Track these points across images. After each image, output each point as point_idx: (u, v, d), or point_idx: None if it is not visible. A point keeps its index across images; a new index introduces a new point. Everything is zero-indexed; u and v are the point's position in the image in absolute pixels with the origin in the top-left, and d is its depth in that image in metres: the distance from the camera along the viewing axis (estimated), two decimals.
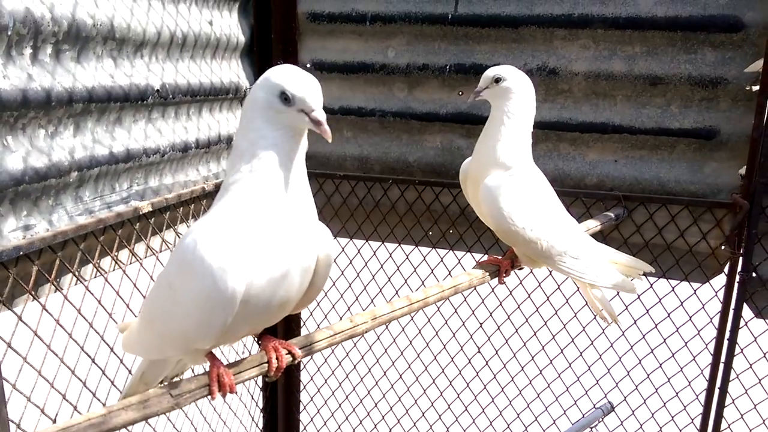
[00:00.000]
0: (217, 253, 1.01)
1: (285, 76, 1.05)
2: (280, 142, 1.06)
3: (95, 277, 1.76)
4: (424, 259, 2.52)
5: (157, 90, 1.88)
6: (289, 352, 1.22)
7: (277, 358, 1.19)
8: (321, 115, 1.05)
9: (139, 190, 1.89)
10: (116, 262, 1.81)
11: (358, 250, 2.59)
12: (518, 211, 1.56)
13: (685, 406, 2.32)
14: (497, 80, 1.58)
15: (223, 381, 1.11)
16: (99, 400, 1.74)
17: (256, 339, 1.26)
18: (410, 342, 2.61)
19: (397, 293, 2.51)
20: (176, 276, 1.09)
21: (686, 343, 2.26)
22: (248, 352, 2.57)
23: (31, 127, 1.48)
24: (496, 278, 1.73)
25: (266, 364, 1.18)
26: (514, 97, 1.58)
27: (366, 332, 1.39)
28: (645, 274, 1.85)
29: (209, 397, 1.11)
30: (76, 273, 1.66)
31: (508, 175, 1.59)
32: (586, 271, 1.66)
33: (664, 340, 2.29)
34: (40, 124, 1.51)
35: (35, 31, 1.45)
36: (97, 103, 1.66)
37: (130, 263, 1.89)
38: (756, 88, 1.99)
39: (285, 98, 1.04)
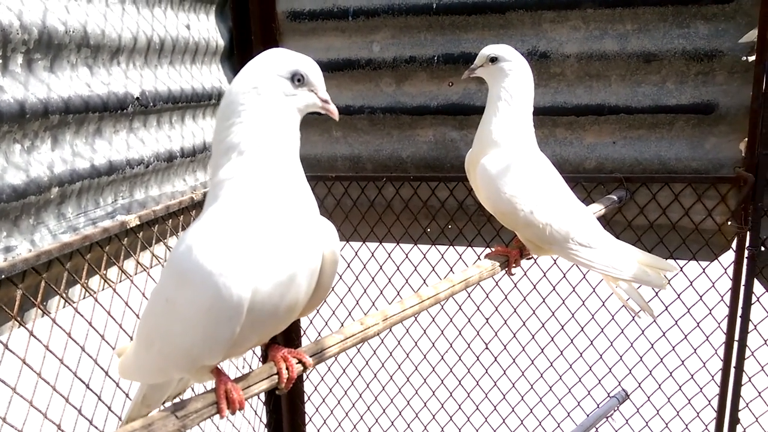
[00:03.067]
0: (216, 259, 0.92)
1: (293, 57, 1.02)
2: (283, 132, 1.00)
3: (84, 298, 1.66)
4: (425, 257, 2.45)
5: (137, 98, 1.80)
6: (300, 361, 1.13)
7: (287, 369, 1.10)
8: (328, 95, 1.04)
9: (125, 203, 1.80)
10: (105, 281, 1.71)
11: (356, 253, 2.51)
12: (518, 192, 1.49)
13: (701, 388, 2.27)
14: (493, 60, 1.54)
15: (231, 397, 1.02)
16: (97, 428, 1.65)
17: (262, 350, 1.18)
18: (416, 343, 2.54)
19: (398, 294, 2.43)
20: (173, 289, 0.99)
21: (698, 323, 2.21)
22: (248, 366, 2.48)
23: (5, 143, 1.39)
24: (506, 270, 1.66)
25: (276, 376, 1.10)
26: (510, 77, 1.54)
27: (378, 334, 1.31)
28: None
29: (218, 415, 1.02)
30: (64, 295, 1.57)
31: (508, 156, 1.53)
32: (604, 262, 1.58)
33: (676, 322, 2.24)
34: (15, 138, 1.42)
35: (3, 39, 1.36)
36: (75, 113, 1.57)
37: (120, 281, 1.80)
38: (752, 58, 1.95)
39: (298, 79, 1.00)
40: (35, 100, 1.44)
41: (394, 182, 2.39)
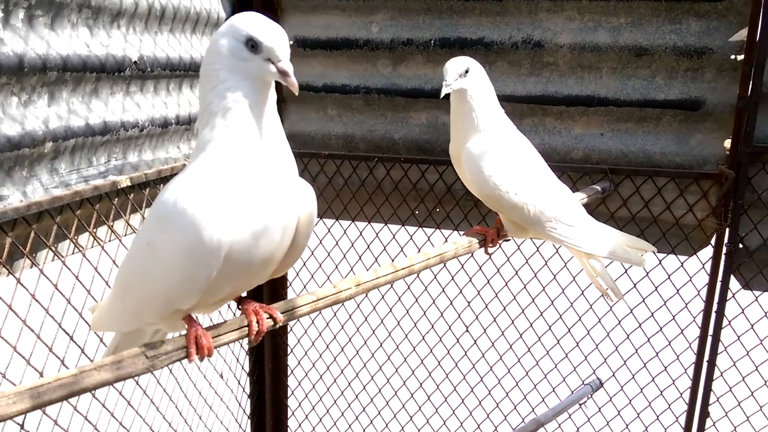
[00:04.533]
0: (199, 205, 0.99)
1: (252, 22, 1.02)
2: (248, 93, 1.03)
3: (73, 253, 1.71)
4: (411, 239, 2.49)
5: (135, 62, 1.84)
6: (271, 317, 1.18)
7: (257, 322, 1.16)
8: (288, 66, 1.02)
9: (118, 165, 1.84)
10: (95, 239, 1.76)
11: (344, 231, 2.55)
12: (501, 173, 1.54)
13: (673, 380, 2.31)
14: (466, 72, 1.56)
15: (201, 343, 1.07)
16: None
17: (237, 305, 1.22)
18: (398, 323, 2.59)
19: None
20: (156, 232, 1.06)
21: (674, 316, 2.25)
22: None
23: (2, 94, 1.44)
24: (483, 249, 1.71)
25: (246, 328, 1.15)
26: (481, 81, 1.58)
27: (350, 298, 1.36)
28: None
29: (186, 359, 1.07)
30: (53, 248, 1.62)
31: (491, 139, 1.57)
32: (583, 240, 1.63)
33: (652, 314, 2.28)
34: (12, 91, 1.46)
35: None
36: (72, 72, 1.61)
37: (110, 240, 1.85)
38: (741, 57, 1.98)
39: (252, 45, 1.01)
40: (34, 56, 1.49)
41: (386, 163, 2.43)
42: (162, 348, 1.04)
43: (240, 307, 1.20)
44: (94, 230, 1.78)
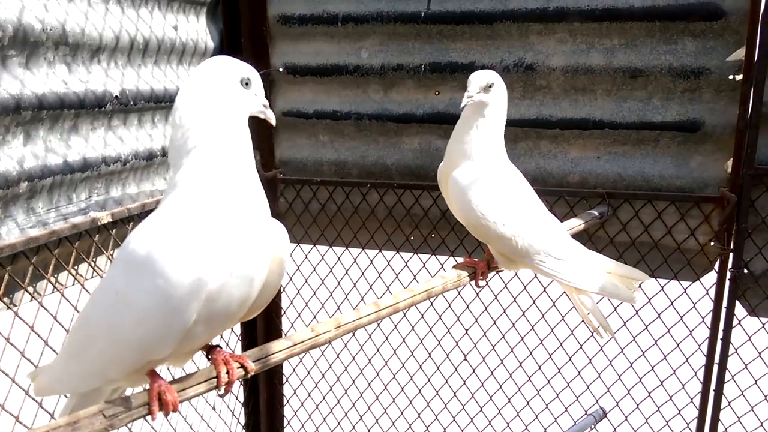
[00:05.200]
0: (174, 249, 0.96)
1: (238, 63, 1.09)
2: (236, 131, 1.05)
3: (53, 292, 1.67)
4: (406, 265, 2.44)
5: (116, 96, 1.81)
6: (241, 366, 1.13)
7: (227, 372, 1.11)
8: (266, 100, 1.13)
9: (100, 200, 1.81)
10: (74, 277, 1.72)
11: (338, 258, 2.50)
12: (488, 204, 1.49)
13: (679, 410, 2.23)
14: (490, 86, 1.50)
15: (165, 399, 1.02)
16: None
17: (206, 354, 1.17)
18: (394, 351, 2.52)
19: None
20: (125, 281, 1.01)
21: (678, 344, 2.17)
22: None
23: None
24: (474, 282, 1.65)
25: (215, 379, 1.10)
26: (498, 100, 1.53)
27: (330, 341, 1.31)
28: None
29: (149, 417, 1.02)
30: (29, 290, 1.58)
31: (480, 168, 1.52)
32: (572, 274, 1.56)
33: (656, 341, 2.20)
34: None
35: None
36: (49, 110, 1.58)
37: (92, 278, 1.81)
38: (739, 77, 1.92)
39: (245, 83, 1.08)
40: (7, 96, 1.46)
41: (379, 189, 2.38)
42: (122, 406, 0.99)
43: (209, 356, 1.15)
44: (74, 268, 1.74)
